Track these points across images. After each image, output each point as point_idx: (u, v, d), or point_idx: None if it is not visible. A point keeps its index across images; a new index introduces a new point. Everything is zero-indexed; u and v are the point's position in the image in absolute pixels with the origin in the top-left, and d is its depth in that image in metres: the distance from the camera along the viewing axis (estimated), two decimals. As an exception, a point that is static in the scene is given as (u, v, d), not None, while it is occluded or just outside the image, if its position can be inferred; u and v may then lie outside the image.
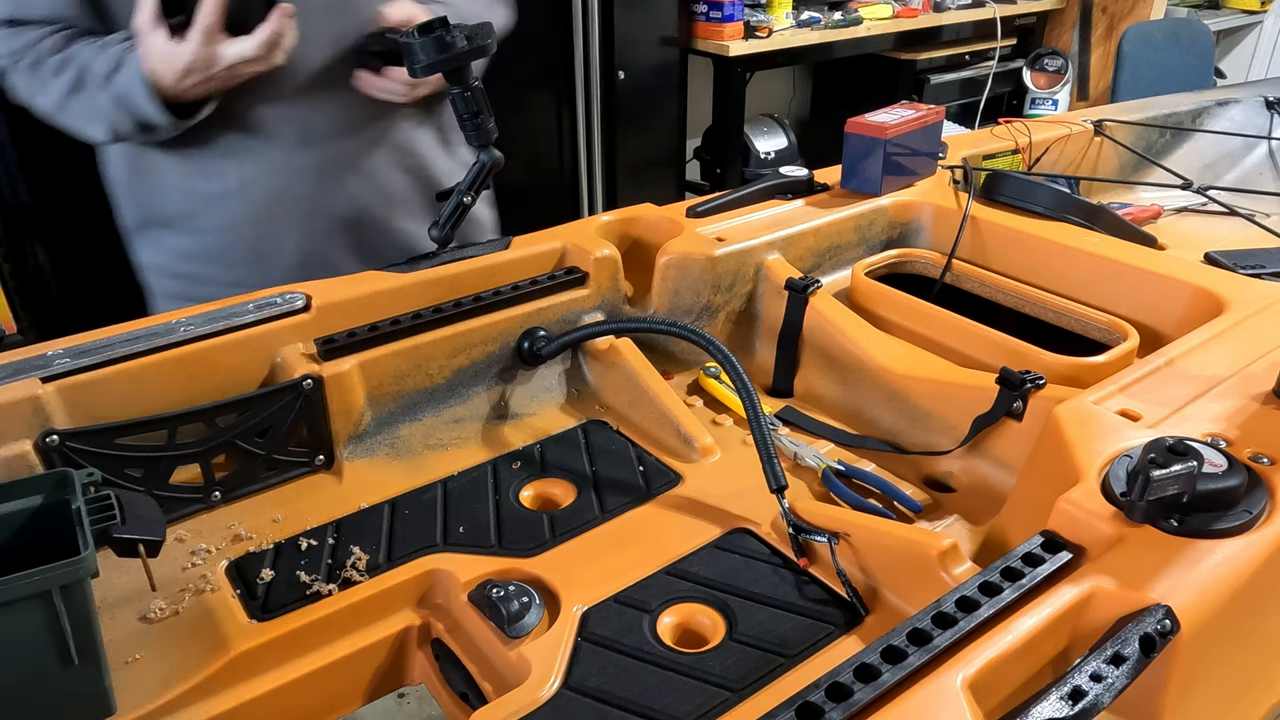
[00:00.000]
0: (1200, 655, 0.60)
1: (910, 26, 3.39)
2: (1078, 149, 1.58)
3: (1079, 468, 0.71)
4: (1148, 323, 1.03)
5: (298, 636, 0.72)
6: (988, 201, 1.24)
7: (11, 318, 2.07)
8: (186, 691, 0.67)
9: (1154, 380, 0.83)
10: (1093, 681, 0.54)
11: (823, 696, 0.54)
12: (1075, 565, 0.64)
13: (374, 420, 0.94)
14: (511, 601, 0.72)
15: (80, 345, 0.85)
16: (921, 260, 1.21)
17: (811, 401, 1.08)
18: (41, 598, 0.59)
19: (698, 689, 0.67)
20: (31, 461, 0.77)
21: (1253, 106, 1.83)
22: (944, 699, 0.53)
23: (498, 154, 1.06)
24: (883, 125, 1.21)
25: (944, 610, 0.59)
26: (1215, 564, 0.62)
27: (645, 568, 0.78)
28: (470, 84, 1.02)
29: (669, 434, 0.96)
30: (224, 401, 0.86)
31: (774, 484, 0.81)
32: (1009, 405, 0.89)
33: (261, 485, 0.89)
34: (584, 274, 1.07)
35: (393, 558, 0.80)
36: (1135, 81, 3.38)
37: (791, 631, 0.71)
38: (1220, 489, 0.65)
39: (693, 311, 1.11)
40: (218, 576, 0.77)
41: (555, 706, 0.65)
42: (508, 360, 1.02)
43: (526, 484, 0.91)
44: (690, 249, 1.09)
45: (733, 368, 0.88)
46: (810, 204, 1.23)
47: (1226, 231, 1.40)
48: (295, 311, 0.93)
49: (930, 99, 3.42)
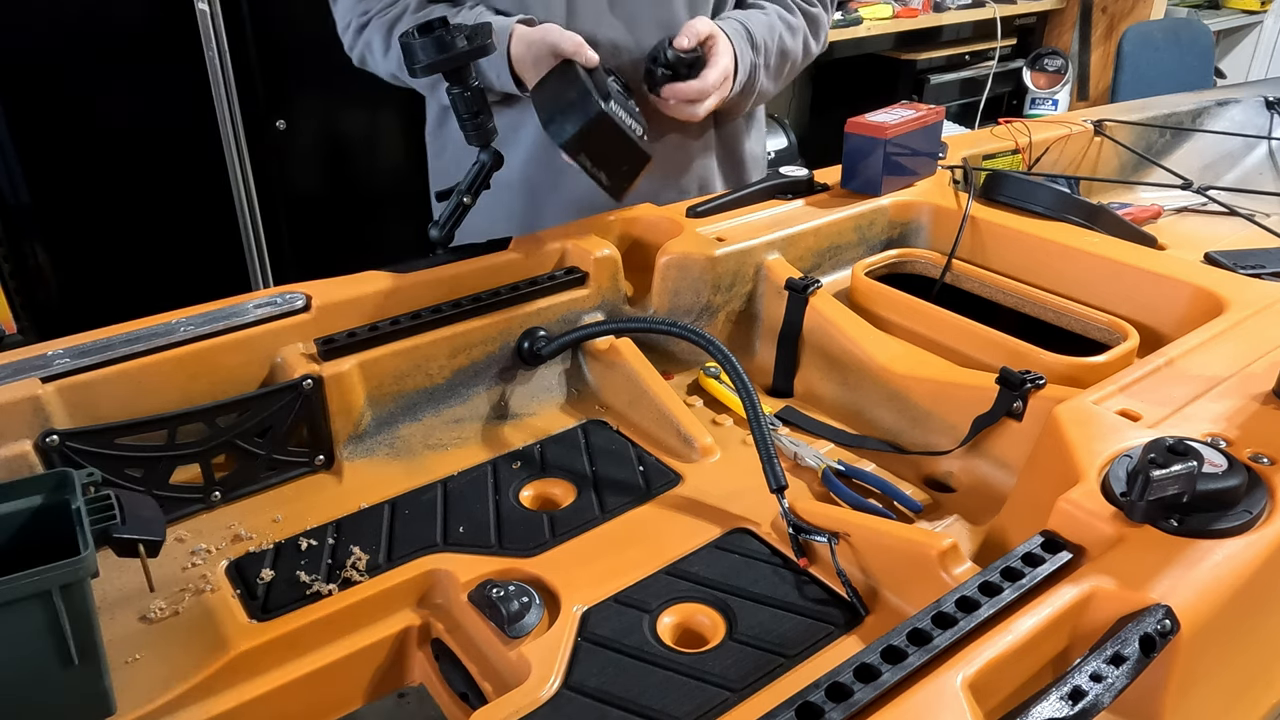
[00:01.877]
0: (1200, 655, 0.60)
1: (910, 26, 3.39)
2: (1078, 149, 1.58)
3: (1079, 468, 0.71)
4: (1148, 323, 1.03)
5: (298, 636, 0.72)
6: (988, 201, 1.24)
7: (11, 318, 2.07)
8: (186, 691, 0.67)
9: (1154, 380, 0.83)
10: (1093, 681, 0.54)
11: (823, 696, 0.54)
12: (1075, 565, 0.64)
13: (374, 420, 0.94)
14: (511, 601, 0.72)
15: (80, 345, 0.85)
16: (921, 260, 1.21)
17: (811, 401, 1.08)
18: (41, 598, 0.59)
19: (698, 689, 0.67)
20: (31, 461, 0.77)
21: (1253, 106, 1.83)
22: (944, 699, 0.53)
23: (498, 154, 1.06)
24: (883, 125, 1.21)
25: (944, 610, 0.59)
26: (1215, 564, 0.62)
27: (645, 568, 0.78)
28: (470, 84, 1.02)
29: (669, 434, 0.96)
30: (224, 401, 0.86)
31: (774, 484, 0.81)
32: (1009, 405, 0.89)
33: (261, 485, 0.89)
34: (584, 274, 1.07)
35: (393, 558, 0.80)
36: (1135, 81, 3.38)
37: (791, 631, 0.71)
38: (1220, 489, 0.65)
39: (693, 311, 1.11)
40: (218, 576, 0.77)
41: (555, 706, 0.65)
42: (508, 360, 1.02)
43: (526, 484, 0.91)
44: (690, 249, 1.09)
45: (733, 368, 0.88)
46: (810, 204, 1.23)
47: (1226, 231, 1.40)
48: (295, 311, 0.93)
49: (930, 99, 3.42)
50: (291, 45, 2.20)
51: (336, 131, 2.39)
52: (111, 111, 2.04)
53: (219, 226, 2.25)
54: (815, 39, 1.33)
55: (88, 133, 2.03)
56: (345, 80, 2.28)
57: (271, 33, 2.15)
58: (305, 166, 2.35)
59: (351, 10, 1.26)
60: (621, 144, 1.05)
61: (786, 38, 1.28)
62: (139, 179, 2.12)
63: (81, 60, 1.97)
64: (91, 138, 2.03)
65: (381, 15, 1.23)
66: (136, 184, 2.12)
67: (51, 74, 1.95)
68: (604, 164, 1.06)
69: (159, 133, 2.11)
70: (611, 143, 1.04)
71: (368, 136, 2.45)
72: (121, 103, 2.05)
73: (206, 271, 2.26)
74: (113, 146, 2.06)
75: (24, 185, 1.99)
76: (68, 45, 1.95)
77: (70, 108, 1.99)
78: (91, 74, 1.99)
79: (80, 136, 2.02)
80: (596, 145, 1.04)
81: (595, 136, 1.03)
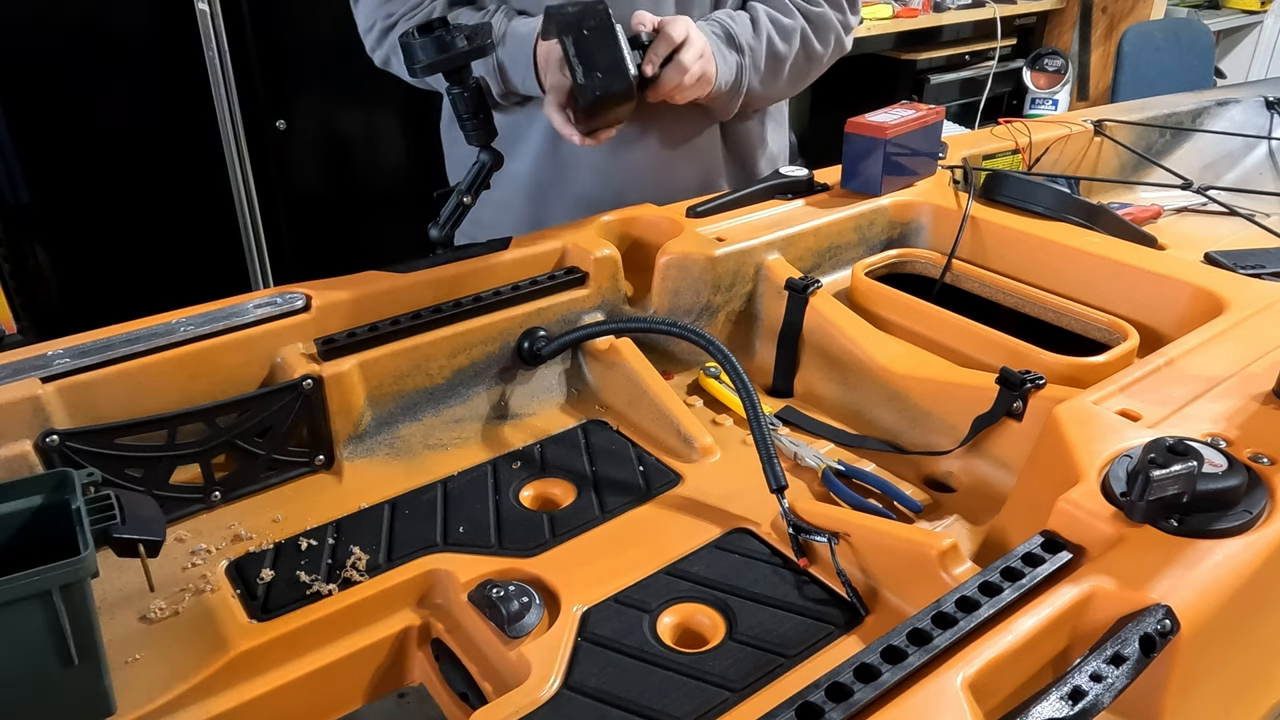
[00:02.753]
0: (1200, 655, 0.60)
1: (910, 26, 3.39)
2: (1078, 149, 1.58)
3: (1079, 468, 0.71)
4: (1148, 323, 1.03)
5: (298, 636, 0.72)
6: (988, 201, 1.24)
7: (11, 318, 2.07)
8: (186, 691, 0.67)
9: (1154, 380, 0.83)
10: (1093, 681, 0.54)
11: (823, 696, 0.54)
12: (1075, 565, 0.64)
13: (374, 420, 0.94)
14: (511, 601, 0.72)
15: (80, 345, 0.85)
16: (921, 260, 1.21)
17: (811, 401, 1.08)
18: (41, 598, 0.59)
19: (698, 689, 0.67)
20: (31, 461, 0.77)
21: (1253, 106, 1.83)
22: (944, 699, 0.53)
23: (498, 153, 1.06)
24: (883, 125, 1.21)
25: (944, 610, 0.59)
26: (1215, 564, 0.62)
27: (645, 568, 0.78)
28: (470, 84, 1.02)
29: (669, 434, 0.96)
30: (224, 401, 0.86)
31: (774, 484, 0.81)
32: (1009, 405, 0.89)
33: (261, 485, 0.89)
34: (584, 274, 1.07)
35: (393, 558, 0.80)
36: (1135, 81, 3.38)
37: (791, 631, 0.71)
38: (1220, 489, 0.65)
39: (693, 311, 1.11)
40: (218, 576, 0.77)
41: (555, 706, 0.65)
42: (508, 360, 1.02)
43: (526, 484, 0.91)
44: (690, 249, 1.09)
45: (733, 368, 0.88)
46: (810, 204, 1.23)
47: (1226, 231, 1.40)
48: (295, 311, 0.93)
49: (930, 99, 3.42)
50: (291, 45, 2.20)
51: (336, 131, 2.39)
52: (111, 111, 2.04)
53: (219, 226, 2.24)
54: (821, 40, 1.32)
55: (88, 133, 2.03)
56: (345, 80, 2.30)
57: (271, 33, 2.15)
58: (305, 166, 2.35)
59: (376, 12, 1.25)
60: (609, 46, 1.04)
61: (777, 39, 1.27)
62: (139, 179, 2.12)
63: (81, 60, 1.97)
64: (91, 138, 2.03)
65: (408, 19, 1.23)
66: (136, 184, 2.12)
67: (51, 74, 1.95)
68: (584, 58, 1.04)
69: (159, 133, 2.11)
70: (600, 39, 1.04)
71: (368, 136, 2.45)
72: (121, 103, 2.05)
73: (206, 271, 2.26)
74: (113, 146, 2.06)
75: (24, 185, 1.99)
76: (68, 45, 1.95)
77: (70, 108, 1.99)
78: (91, 74, 1.99)
79: (80, 136, 2.02)
80: (585, 34, 1.04)
81: (587, 20, 1.03)
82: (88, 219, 2.10)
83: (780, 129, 1.48)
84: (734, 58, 1.23)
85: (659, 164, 1.31)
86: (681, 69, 1.12)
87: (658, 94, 1.15)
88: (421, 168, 2.52)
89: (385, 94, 2.34)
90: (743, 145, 1.39)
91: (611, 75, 1.05)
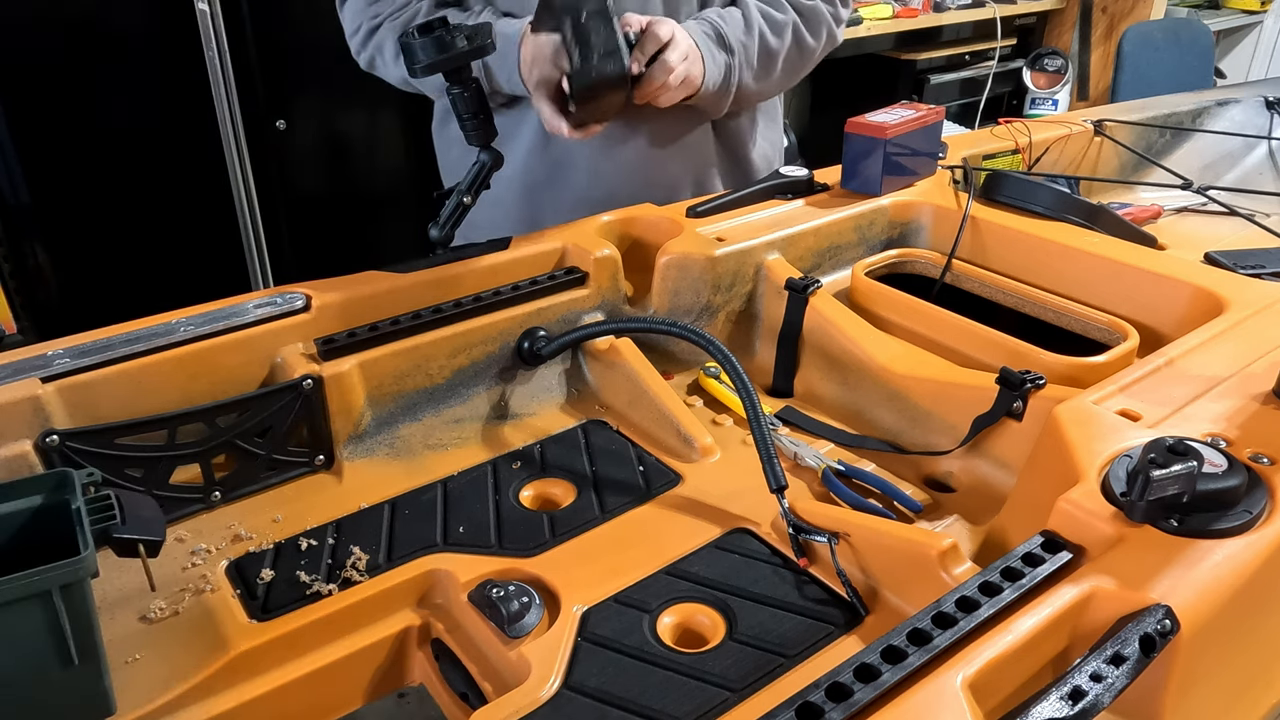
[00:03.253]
0: (1200, 655, 0.60)
1: (910, 26, 3.39)
2: (1078, 149, 1.58)
3: (1079, 468, 0.71)
4: (1148, 323, 1.03)
5: (298, 636, 0.72)
6: (988, 201, 1.24)
7: (11, 318, 2.07)
8: (186, 691, 0.67)
9: (1154, 380, 0.83)
10: (1093, 681, 0.54)
11: (823, 696, 0.54)
12: (1075, 565, 0.64)
13: (374, 420, 0.94)
14: (511, 601, 0.72)
15: (80, 345, 0.85)
16: (921, 260, 1.21)
17: (811, 401, 1.08)
18: (41, 598, 0.59)
19: (698, 689, 0.67)
20: (31, 461, 0.77)
21: (1253, 106, 1.83)
22: (944, 699, 0.53)
23: (498, 153, 1.06)
24: (883, 125, 1.21)
25: (944, 610, 0.59)
26: (1215, 564, 0.62)
27: (645, 568, 0.78)
28: (470, 84, 1.02)
29: (669, 434, 0.96)
30: (224, 401, 0.86)
31: (774, 484, 0.81)
32: (1009, 405, 0.89)
33: (261, 485, 0.89)
34: (584, 274, 1.07)
35: (393, 558, 0.80)
36: (1135, 81, 3.38)
37: (791, 631, 0.71)
38: (1220, 489, 0.65)
39: (693, 311, 1.11)
40: (218, 576, 0.77)
41: (555, 706, 0.65)
42: (508, 360, 1.02)
43: (526, 484, 0.91)
44: (690, 249, 1.09)
45: (733, 368, 0.88)
46: (810, 204, 1.23)
47: (1226, 231, 1.40)
48: (295, 311, 0.93)
49: (930, 99, 3.42)
50: (291, 45, 2.20)
51: (336, 132, 2.39)
52: (111, 111, 2.04)
53: (219, 226, 2.25)
54: (814, 33, 1.32)
55: (88, 133, 2.03)
56: (345, 81, 2.29)
57: (271, 33, 2.15)
58: (305, 167, 2.35)
59: (361, 15, 1.26)
60: (607, 31, 1.05)
61: (769, 35, 1.27)
62: (139, 179, 2.12)
63: (81, 60, 1.97)
64: (91, 138, 2.03)
65: (393, 20, 1.23)
66: (136, 184, 2.12)
67: (51, 74, 1.95)
68: (582, 40, 1.05)
69: (159, 133, 2.11)
70: (598, 23, 1.04)
71: (368, 137, 2.45)
72: (121, 103, 2.05)
73: (206, 271, 2.26)
74: (113, 146, 2.06)
75: (24, 185, 1.99)
76: (68, 45, 1.95)
77: (70, 108, 1.99)
78: (91, 74, 1.99)
79: (80, 136, 2.02)
80: (584, 18, 1.04)
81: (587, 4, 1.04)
82: (88, 219, 2.10)
83: (773, 124, 1.48)
84: (723, 57, 1.23)
85: (651, 160, 1.31)
86: (666, 68, 1.13)
87: (643, 94, 1.15)
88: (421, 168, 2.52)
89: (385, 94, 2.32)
90: (735, 141, 1.39)
91: (608, 59, 1.06)
